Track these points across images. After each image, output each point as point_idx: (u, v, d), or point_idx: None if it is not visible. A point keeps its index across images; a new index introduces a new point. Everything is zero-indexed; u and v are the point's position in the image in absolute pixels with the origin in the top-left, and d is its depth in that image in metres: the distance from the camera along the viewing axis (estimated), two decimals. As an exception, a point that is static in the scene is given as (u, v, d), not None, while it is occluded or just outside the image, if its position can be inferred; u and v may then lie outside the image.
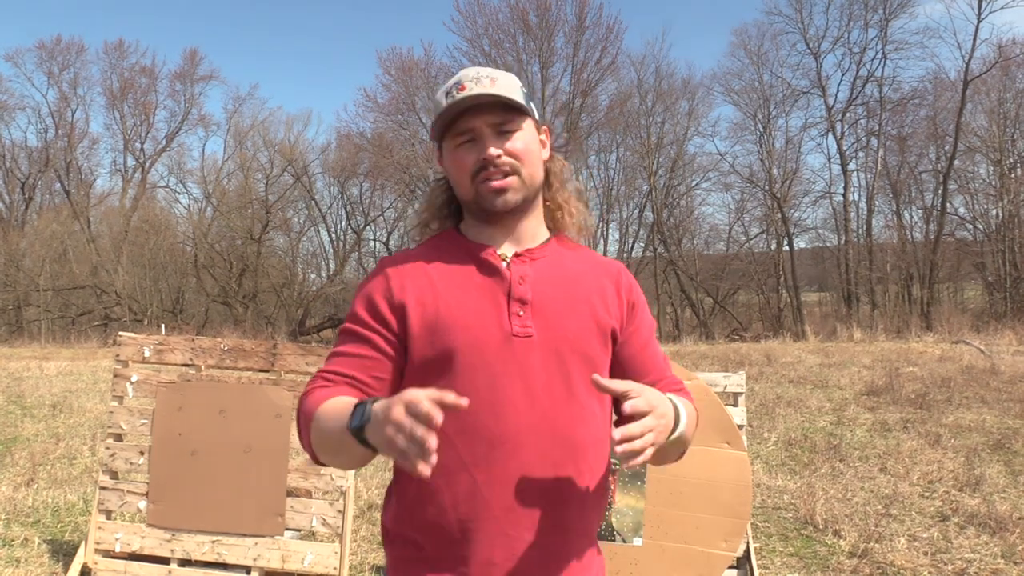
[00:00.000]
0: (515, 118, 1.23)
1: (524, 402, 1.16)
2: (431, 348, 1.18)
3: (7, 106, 32.54)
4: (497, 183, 1.21)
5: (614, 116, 29.58)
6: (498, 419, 1.15)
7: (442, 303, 1.20)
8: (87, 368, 12.75)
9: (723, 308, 29.52)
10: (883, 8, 26.47)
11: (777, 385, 9.42)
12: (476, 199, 1.23)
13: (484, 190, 1.22)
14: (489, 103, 1.20)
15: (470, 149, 1.22)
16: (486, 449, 1.14)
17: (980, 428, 6.63)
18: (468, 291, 1.22)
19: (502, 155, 1.21)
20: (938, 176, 26.49)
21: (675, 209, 30.58)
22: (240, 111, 35.09)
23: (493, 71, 1.24)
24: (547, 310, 1.21)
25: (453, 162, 1.24)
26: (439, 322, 1.18)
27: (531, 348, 1.18)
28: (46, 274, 28.90)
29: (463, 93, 1.20)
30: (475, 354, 1.17)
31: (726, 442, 2.85)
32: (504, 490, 1.14)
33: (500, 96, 1.19)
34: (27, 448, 6.35)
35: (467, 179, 1.22)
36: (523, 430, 1.15)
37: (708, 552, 2.78)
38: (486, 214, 1.25)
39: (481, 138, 1.21)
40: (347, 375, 1.21)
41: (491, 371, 1.16)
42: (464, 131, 1.22)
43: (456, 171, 1.24)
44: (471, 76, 1.22)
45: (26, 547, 3.96)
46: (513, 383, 1.16)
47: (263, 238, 31.31)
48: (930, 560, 3.70)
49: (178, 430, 3.31)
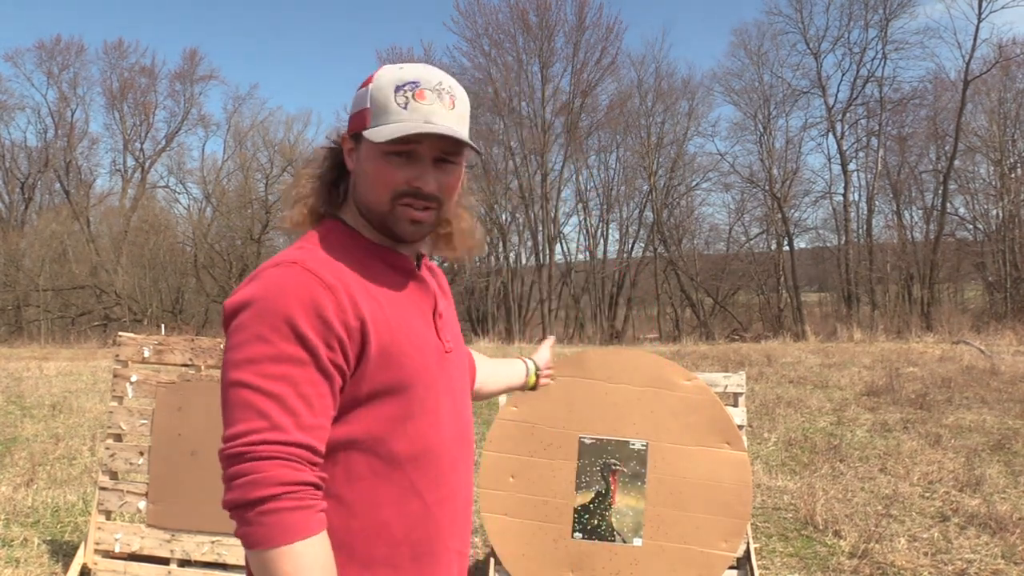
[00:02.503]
0: (460, 151, 1.14)
1: (452, 417, 1.18)
2: (384, 375, 1.07)
3: (7, 106, 32.65)
4: (418, 215, 1.12)
5: (614, 116, 29.64)
6: (440, 438, 1.14)
7: (393, 323, 1.09)
8: (87, 368, 12.75)
9: (723, 308, 29.54)
10: (883, 8, 26.56)
11: (777, 385, 9.42)
12: (387, 218, 1.12)
13: (401, 215, 1.11)
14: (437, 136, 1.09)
15: (402, 165, 1.10)
16: (435, 470, 1.13)
17: (980, 428, 6.63)
18: (406, 308, 1.14)
19: (435, 189, 1.12)
20: (938, 176, 26.53)
21: (675, 209, 30.64)
22: (240, 111, 35.23)
23: (452, 84, 1.14)
24: (450, 323, 1.25)
25: (377, 171, 1.11)
26: (394, 346, 1.08)
27: (451, 363, 1.21)
28: (46, 274, 28.91)
29: (421, 105, 1.09)
30: (425, 376, 1.12)
31: (726, 442, 2.85)
32: (450, 506, 1.16)
33: (463, 139, 1.10)
34: (27, 448, 6.35)
35: (387, 195, 1.11)
36: (455, 445, 1.17)
37: (708, 552, 2.77)
38: (389, 233, 1.14)
39: (420, 163, 1.11)
40: (316, 451, 1.00)
41: (435, 391, 1.14)
42: (405, 142, 1.09)
43: (377, 182, 1.11)
44: (432, 83, 1.11)
45: (26, 547, 3.96)
46: (446, 400, 1.17)
47: (263, 238, 31.32)
48: (930, 560, 3.70)
49: (178, 430, 3.31)
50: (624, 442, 2.90)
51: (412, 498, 1.10)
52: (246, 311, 1.02)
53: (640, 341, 25.44)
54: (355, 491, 1.07)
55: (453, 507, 1.16)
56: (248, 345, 0.99)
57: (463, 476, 1.19)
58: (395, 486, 1.08)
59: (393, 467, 1.08)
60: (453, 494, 1.16)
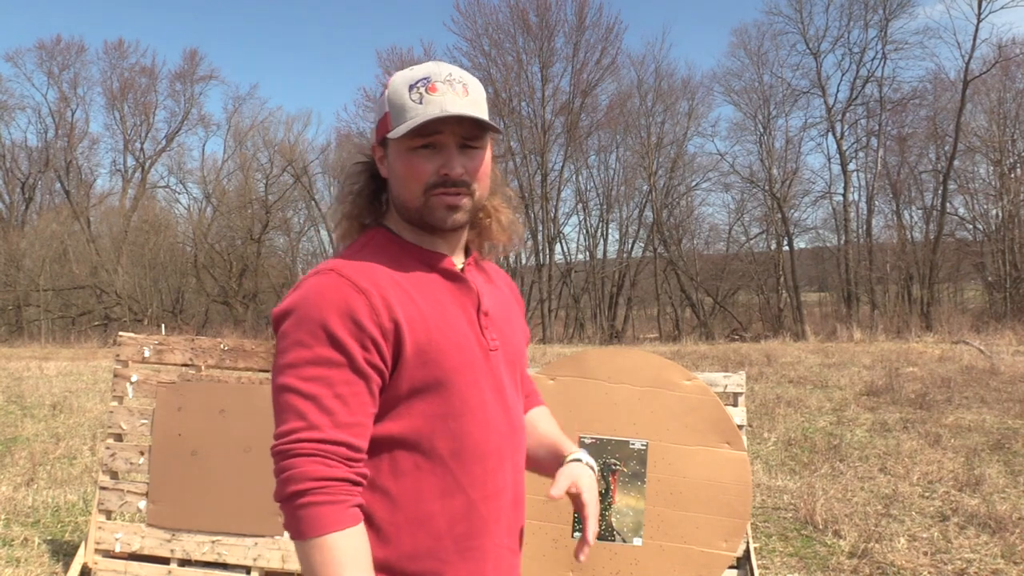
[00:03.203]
0: (481, 135, 1.17)
1: (501, 416, 1.19)
2: (422, 373, 1.11)
3: (7, 106, 32.60)
4: (450, 199, 1.15)
5: (614, 116, 29.60)
6: (487, 436, 1.16)
7: (432, 323, 1.13)
8: (87, 368, 12.75)
9: (723, 308, 29.52)
10: (883, 8, 26.50)
11: (777, 385, 9.43)
12: (423, 211, 1.16)
13: (436, 204, 1.15)
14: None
15: (429, 157, 1.14)
16: (479, 467, 1.15)
17: (980, 428, 6.63)
18: (446, 307, 1.17)
19: (463, 173, 1.15)
20: (938, 176, 26.50)
21: (675, 209, 30.59)
22: (240, 111, 35.10)
23: (463, 74, 1.17)
24: (500, 321, 1.25)
25: (407, 167, 1.15)
26: (432, 344, 1.12)
27: (499, 362, 1.21)
28: (46, 274, 28.92)
29: (435, 97, 1.13)
30: (467, 374, 1.15)
31: (726, 442, 2.85)
32: (496, 503, 1.17)
33: (480, 119, 1.13)
34: (27, 448, 6.35)
35: (419, 188, 1.14)
36: (503, 443, 1.19)
37: (708, 552, 2.78)
38: (429, 227, 1.19)
39: (445, 150, 1.14)
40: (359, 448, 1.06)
41: (479, 389, 1.16)
42: (427, 135, 1.13)
43: (408, 177, 1.15)
44: (443, 76, 1.14)
45: (26, 547, 3.96)
46: (493, 398, 1.18)
47: (263, 238, 31.33)
48: (930, 560, 3.70)
49: (178, 430, 3.31)
50: (624, 442, 2.90)
51: (456, 493, 1.13)
52: (288, 319, 1.09)
53: (640, 341, 25.44)
54: (400, 485, 1.11)
55: (499, 504, 1.18)
56: (290, 351, 1.07)
57: (512, 474, 1.20)
58: (439, 481, 1.11)
59: (436, 463, 1.11)
60: (500, 491, 1.17)
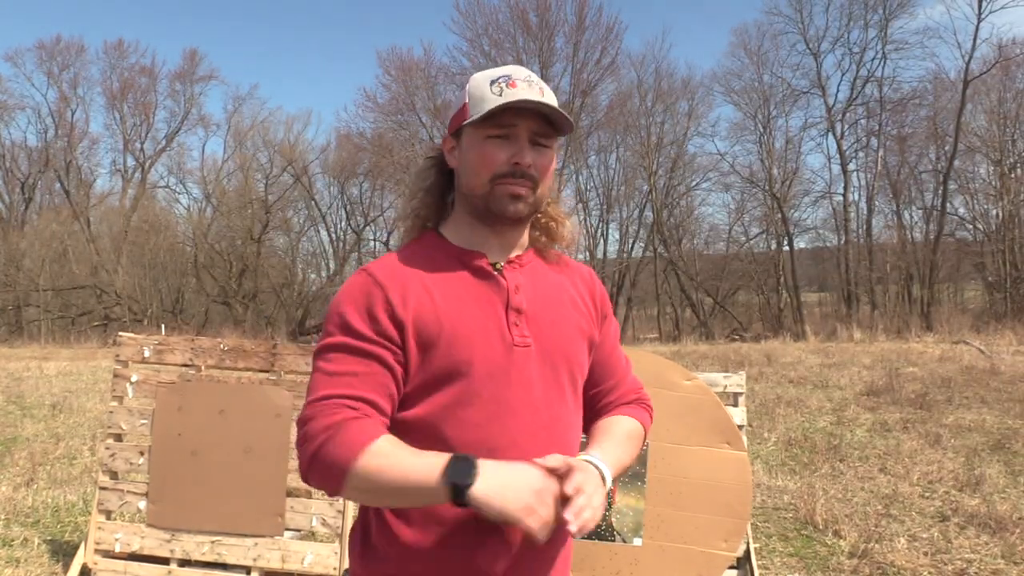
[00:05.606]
0: (552, 134, 1.22)
1: (526, 412, 1.19)
2: (436, 363, 1.16)
3: (7, 106, 32.61)
4: (516, 188, 1.19)
5: (614, 116, 29.58)
6: (504, 430, 1.17)
7: (444, 316, 1.17)
8: (87, 368, 12.75)
9: (723, 308, 29.52)
10: (883, 8, 26.51)
11: (777, 385, 9.43)
12: (488, 198, 1.21)
13: (501, 192, 1.19)
14: (534, 108, 1.18)
15: (501, 146, 1.19)
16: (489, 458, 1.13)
17: (980, 428, 6.63)
18: (467, 302, 1.20)
19: (532, 165, 1.20)
20: (938, 176, 26.50)
21: (675, 209, 30.59)
22: (240, 111, 35.12)
23: (541, 80, 1.23)
24: (540, 319, 1.24)
25: (479, 154, 1.20)
26: (444, 336, 1.16)
27: (529, 358, 1.21)
28: (46, 274, 28.91)
29: (515, 91, 1.18)
30: (482, 367, 1.16)
31: (726, 442, 2.85)
32: None
33: (561, 112, 1.18)
34: (27, 448, 6.35)
35: (488, 175, 1.19)
36: (526, 439, 1.18)
37: (708, 552, 2.77)
38: (491, 216, 1.22)
39: (518, 141, 1.19)
40: (369, 400, 1.14)
41: (496, 383, 1.17)
42: (503, 126, 1.19)
43: (479, 163, 1.20)
44: (522, 76, 1.21)
45: (26, 547, 3.96)
46: (516, 394, 1.18)
47: (263, 238, 31.32)
48: (930, 560, 3.70)
49: (178, 430, 3.31)
50: (624, 442, 2.90)
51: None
52: (328, 312, 1.22)
53: (640, 341, 25.43)
54: None
55: None
56: (321, 339, 1.20)
57: None
58: None
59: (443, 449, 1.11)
60: None
